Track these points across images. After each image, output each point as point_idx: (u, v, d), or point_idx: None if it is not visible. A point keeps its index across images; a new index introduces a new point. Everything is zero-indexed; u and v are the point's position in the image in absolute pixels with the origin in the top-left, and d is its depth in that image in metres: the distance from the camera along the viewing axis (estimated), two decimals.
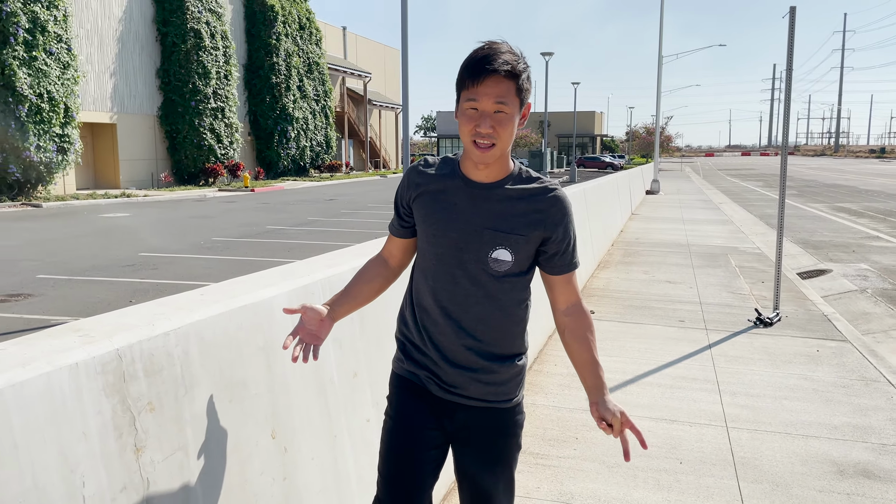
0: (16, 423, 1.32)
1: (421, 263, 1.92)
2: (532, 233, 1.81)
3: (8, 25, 20.73)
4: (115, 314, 1.81)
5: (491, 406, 1.90)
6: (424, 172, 1.91)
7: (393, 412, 1.96)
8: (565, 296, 1.91)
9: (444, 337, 1.86)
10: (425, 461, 1.91)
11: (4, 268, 10.17)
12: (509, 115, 1.72)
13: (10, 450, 1.30)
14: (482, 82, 1.69)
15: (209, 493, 1.79)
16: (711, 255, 11.26)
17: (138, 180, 28.76)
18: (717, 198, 26.52)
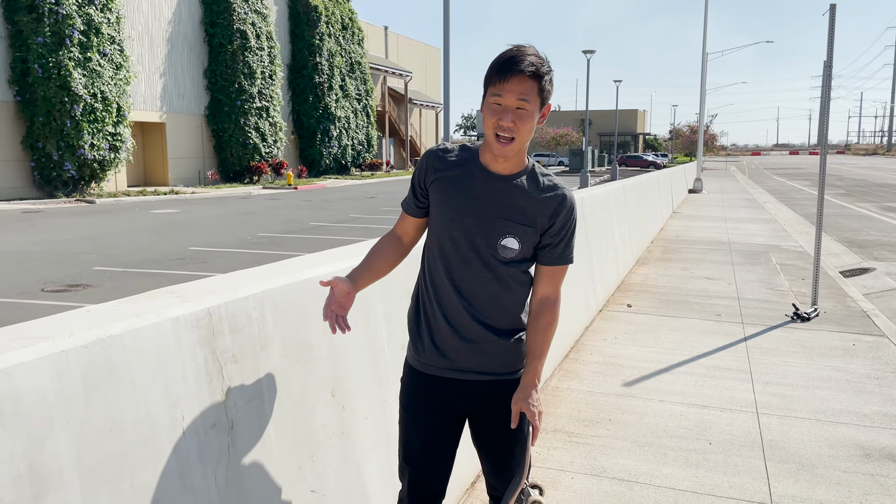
0: (133, 363, 1.59)
1: (434, 244, 2.04)
2: (537, 224, 1.98)
3: (64, 27, 21.58)
4: (201, 282, 2.09)
5: (500, 378, 2.05)
6: (444, 157, 2.04)
7: (408, 408, 2.10)
8: (545, 286, 2.05)
9: (456, 313, 2.00)
10: (443, 452, 2.09)
11: (64, 260, 10.72)
12: (530, 113, 1.88)
13: (128, 384, 1.57)
14: (508, 80, 1.85)
15: (280, 438, 2.05)
16: (752, 252, 11.26)
17: (186, 178, 29.59)
18: (761, 197, 26.18)
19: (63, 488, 1.39)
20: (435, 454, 2.09)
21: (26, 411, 1.33)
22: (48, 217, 17.37)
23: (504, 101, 1.87)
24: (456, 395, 2.07)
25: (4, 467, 1.28)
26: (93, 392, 1.48)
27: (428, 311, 2.06)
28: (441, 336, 2.03)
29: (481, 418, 2.10)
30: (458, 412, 2.11)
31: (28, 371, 1.35)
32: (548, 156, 73.95)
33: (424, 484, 2.09)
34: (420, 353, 2.08)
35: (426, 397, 2.08)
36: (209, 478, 1.77)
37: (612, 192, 8.70)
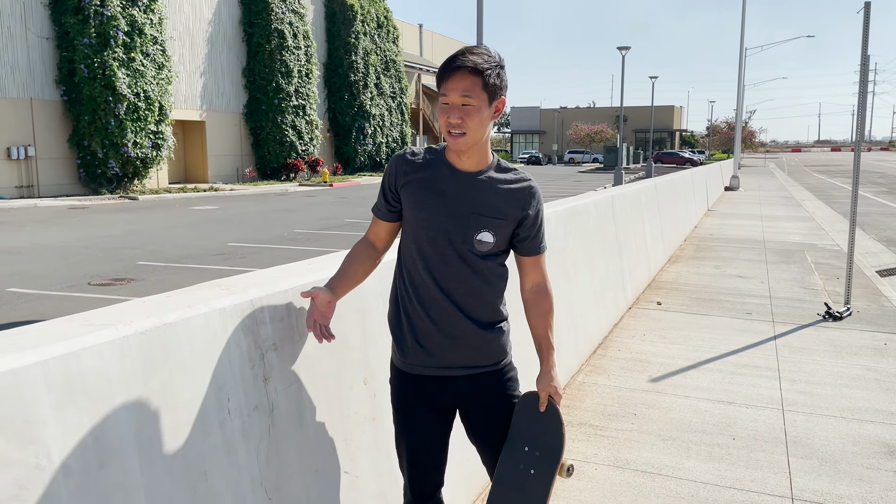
0: (185, 349, 1.75)
1: (410, 245, 2.09)
2: (509, 216, 2.05)
3: (108, 29, 22.20)
4: (246, 276, 2.26)
5: (485, 370, 2.13)
6: (412, 161, 2.10)
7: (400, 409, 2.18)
8: (532, 276, 2.16)
9: (440, 311, 2.06)
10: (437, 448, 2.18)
11: (109, 255, 11.10)
12: (476, 108, 1.93)
13: (180, 368, 1.74)
14: (450, 78, 1.93)
15: (316, 421, 2.20)
16: (787, 251, 11.16)
17: (224, 175, 30.18)
18: (800, 195, 25.77)
19: (124, 459, 1.56)
20: (429, 451, 2.17)
21: (93, 390, 1.50)
22: (93, 213, 17.92)
23: (449, 98, 1.95)
24: (444, 392, 2.14)
25: (74, 438, 1.45)
26: (150, 374, 1.64)
27: (410, 312, 2.10)
28: (425, 335, 2.08)
29: (473, 411, 2.17)
30: (449, 407, 2.18)
31: (94, 354, 1.52)
32: (582, 153, 73.50)
33: (423, 478, 2.18)
34: (405, 355, 2.13)
35: (415, 397, 2.15)
36: (252, 455, 1.93)
37: (643, 191, 8.74)
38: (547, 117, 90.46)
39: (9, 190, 21.49)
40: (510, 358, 2.22)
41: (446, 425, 2.21)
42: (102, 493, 1.50)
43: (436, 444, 2.19)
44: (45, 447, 1.39)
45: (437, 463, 2.21)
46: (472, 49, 1.97)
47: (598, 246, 6.12)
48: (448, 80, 1.94)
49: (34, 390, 1.39)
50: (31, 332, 1.54)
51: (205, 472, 1.77)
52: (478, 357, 2.12)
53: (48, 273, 9.52)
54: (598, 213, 6.23)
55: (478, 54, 1.95)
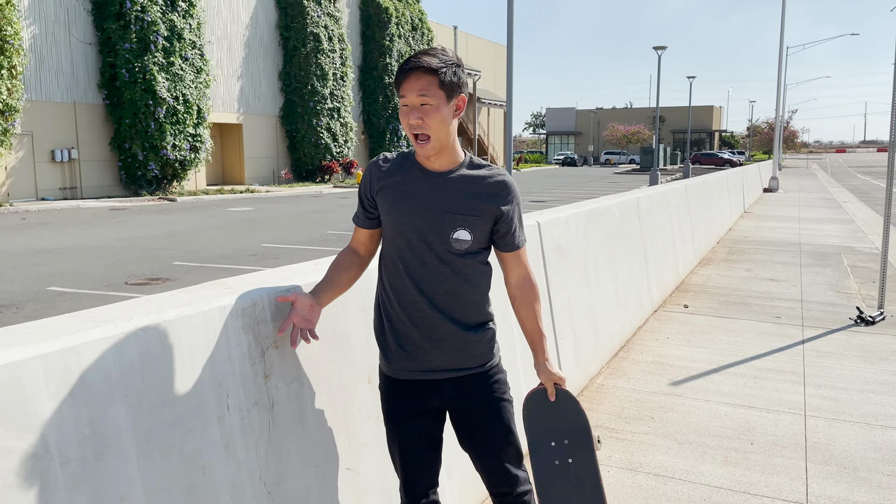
0: (184, 345, 1.82)
1: (389, 251, 2.11)
2: (485, 213, 2.04)
3: (149, 34, 22.74)
4: (250, 275, 2.32)
5: (471, 373, 2.13)
6: (384, 167, 2.11)
7: (388, 415, 2.19)
8: (516, 270, 2.17)
9: (421, 314, 2.06)
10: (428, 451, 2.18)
11: (146, 255, 11.38)
12: (434, 107, 1.94)
13: (179, 363, 1.80)
14: (405, 80, 1.95)
15: (317, 418, 2.25)
16: (823, 254, 10.93)
17: (261, 177, 30.64)
18: (841, 196, 25.17)
19: (121, 450, 1.62)
20: (421, 454, 2.17)
21: (91, 383, 1.57)
22: (133, 214, 18.37)
23: (407, 100, 1.96)
24: (431, 396, 2.14)
25: (72, 430, 1.52)
26: (148, 369, 1.71)
27: (392, 318, 2.11)
28: (408, 339, 2.09)
29: (461, 415, 2.16)
30: (437, 410, 2.18)
31: (93, 349, 1.58)
32: (618, 154, 72.82)
33: (415, 481, 2.18)
34: (390, 360, 2.14)
35: (403, 402, 2.15)
36: (251, 450, 1.99)
37: (672, 192, 8.65)
38: (583, 118, 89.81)
39: (53, 191, 22.14)
40: (497, 360, 2.20)
41: (437, 428, 2.20)
42: (99, 483, 1.56)
43: (427, 447, 2.18)
44: (42, 437, 1.46)
45: (430, 465, 2.20)
46: (427, 51, 1.99)
47: (622, 248, 6.08)
48: (404, 81, 1.96)
49: (33, 383, 1.46)
50: (34, 328, 1.61)
51: (203, 466, 1.83)
52: (462, 359, 2.12)
53: (87, 272, 9.80)
54: (621, 215, 6.19)
55: (432, 55, 1.97)
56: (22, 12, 20.40)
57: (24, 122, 20.65)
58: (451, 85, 1.97)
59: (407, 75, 1.95)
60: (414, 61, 1.95)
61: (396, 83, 1.99)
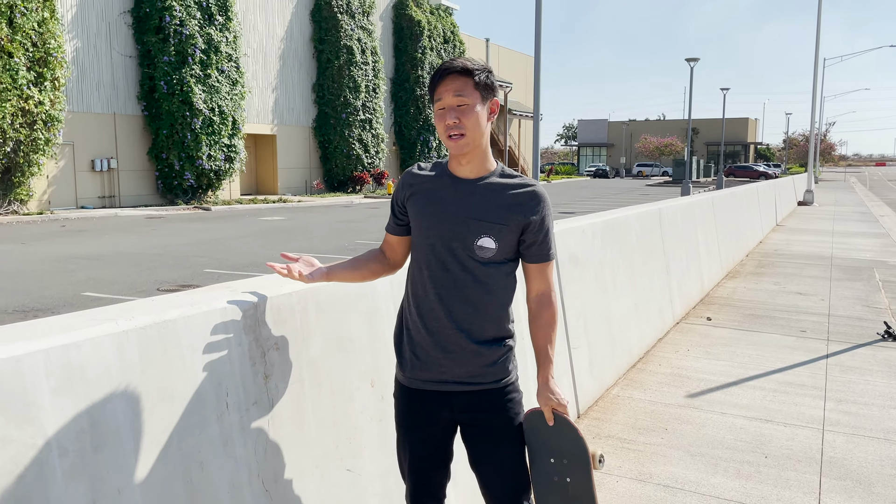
0: (184, 344, 1.89)
1: (415, 256, 2.11)
2: (512, 222, 2.02)
3: (187, 47, 23.28)
4: (255, 279, 2.39)
5: (483, 388, 2.08)
6: (418, 174, 2.13)
7: (400, 423, 2.19)
8: (537, 284, 2.11)
9: (437, 322, 2.04)
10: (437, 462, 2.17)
11: (179, 262, 11.62)
12: (470, 106, 1.97)
13: (179, 361, 1.87)
14: (441, 82, 1.99)
15: (318, 419, 2.31)
16: (855, 268, 10.72)
17: (293, 187, 31.06)
18: (878, 210, 24.63)
19: (119, 444, 1.69)
20: (430, 465, 2.16)
21: (91, 378, 1.65)
22: (168, 222, 18.76)
23: (444, 101, 1.99)
24: (443, 407, 2.11)
25: (71, 422, 1.59)
26: (148, 366, 1.78)
27: (410, 326, 2.11)
28: (423, 348, 2.08)
29: (471, 431, 2.12)
30: (448, 422, 2.15)
31: (94, 346, 1.66)
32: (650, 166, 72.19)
33: (423, 491, 2.19)
34: (404, 368, 2.14)
35: (414, 412, 2.14)
36: (249, 448, 2.05)
37: (697, 204, 8.58)
38: (615, 130, 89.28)
39: (92, 200, 22.72)
40: (513, 378, 2.15)
41: (447, 440, 2.18)
42: (97, 474, 1.64)
43: (436, 458, 2.17)
44: (42, 428, 1.53)
45: (438, 477, 2.19)
46: (458, 59, 2.04)
47: (642, 259, 6.06)
48: (440, 84, 2.00)
49: (34, 376, 1.53)
50: (39, 325, 1.70)
51: (201, 462, 1.90)
52: (475, 373, 2.08)
53: (121, 279, 10.05)
54: (642, 226, 6.17)
55: (465, 61, 2.02)
56: (66, 26, 21.06)
57: (66, 133, 21.26)
58: (486, 86, 2.01)
59: (443, 77, 1.99)
60: (448, 65, 2.00)
61: (432, 87, 2.02)
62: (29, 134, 18.89)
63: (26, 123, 18.80)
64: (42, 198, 21.13)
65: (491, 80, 2.03)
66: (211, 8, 24.19)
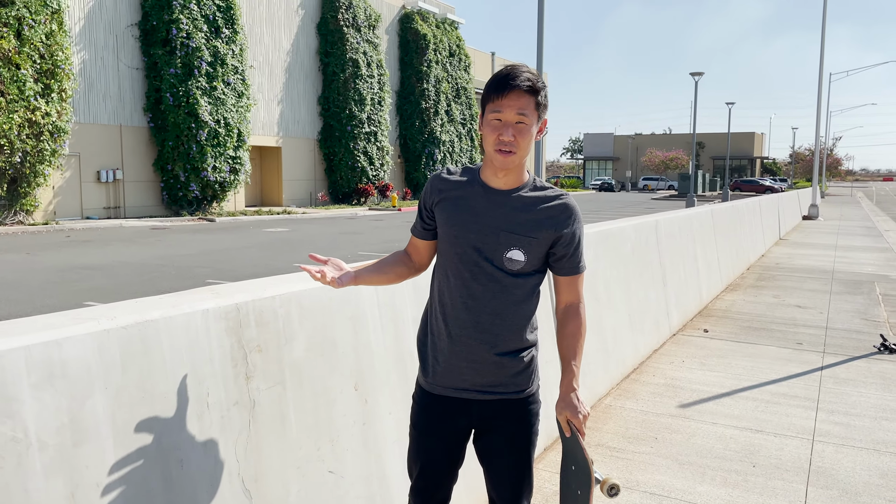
0: (165, 344, 1.94)
1: (442, 263, 2.11)
2: (542, 235, 2.02)
3: (193, 59, 23.51)
4: (240, 283, 2.44)
5: (504, 398, 2.10)
6: (448, 179, 2.11)
7: (416, 426, 2.20)
8: (566, 295, 2.12)
9: (462, 330, 2.05)
10: (448, 467, 2.18)
11: (181, 273, 11.69)
12: (528, 126, 1.95)
13: (160, 361, 1.92)
14: (506, 96, 1.93)
15: (300, 420, 2.35)
16: (856, 282, 10.72)
17: (298, 199, 31.20)
18: (884, 225, 24.59)
19: (99, 440, 1.74)
20: (441, 469, 2.18)
21: (72, 375, 1.69)
22: (173, 233, 18.87)
23: (504, 116, 1.94)
24: (461, 414, 2.13)
25: (51, 417, 1.64)
26: (129, 364, 1.83)
27: (434, 332, 2.12)
28: (445, 355, 2.09)
29: (486, 438, 2.15)
30: (464, 428, 2.16)
31: (75, 343, 1.71)
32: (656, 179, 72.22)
33: (430, 495, 2.21)
34: (427, 373, 2.15)
35: (432, 416, 2.16)
36: (229, 447, 2.09)
37: (696, 217, 8.61)
38: (621, 143, 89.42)
39: (97, 210, 22.87)
40: (535, 388, 2.16)
41: (461, 446, 2.20)
42: (76, 468, 1.68)
43: (448, 463, 2.19)
44: (22, 422, 1.58)
45: (447, 481, 2.22)
46: (521, 67, 1.99)
47: (637, 270, 6.09)
48: (504, 97, 1.94)
49: (15, 372, 1.58)
50: (21, 323, 1.75)
51: (180, 460, 1.94)
52: (496, 382, 2.09)
53: (122, 289, 10.12)
54: (637, 238, 6.21)
55: (531, 73, 1.97)
56: (73, 38, 21.31)
57: (72, 144, 21.46)
58: (542, 107, 2.00)
59: (508, 92, 1.94)
60: (518, 79, 1.94)
61: (492, 95, 1.96)
62: (35, 145, 19.07)
63: (33, 134, 18.99)
64: (48, 208, 21.29)
65: (547, 101, 2.02)
66: (217, 21, 24.44)
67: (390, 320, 2.85)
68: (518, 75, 1.95)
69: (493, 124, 1.97)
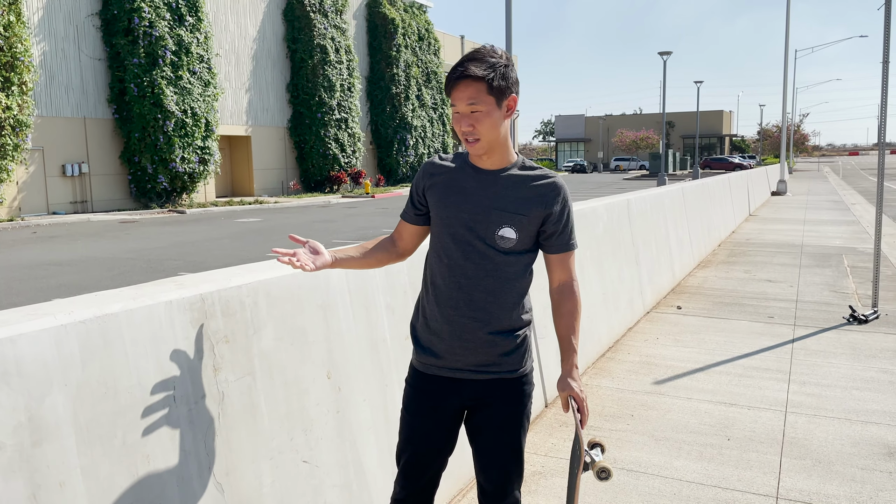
0: (127, 338, 1.88)
1: (435, 245, 2.12)
2: (532, 213, 2.03)
3: (157, 48, 23.04)
4: (205, 273, 2.38)
5: (496, 377, 2.10)
6: (439, 164, 2.14)
7: (408, 408, 2.19)
8: (559, 274, 2.12)
9: (455, 311, 2.06)
10: (439, 449, 2.16)
11: (152, 266, 11.51)
12: (485, 112, 1.95)
13: (122, 356, 1.86)
14: (456, 87, 1.96)
15: (272, 411, 2.31)
16: (824, 255, 10.89)
17: (270, 188, 30.88)
18: (850, 199, 25.03)
19: (59, 439, 1.68)
20: (430, 452, 2.16)
21: (28, 373, 1.63)
22: (142, 227, 18.57)
23: (458, 108, 1.98)
24: (452, 394, 2.12)
25: (7, 417, 1.58)
26: (88, 360, 1.77)
27: (427, 313, 2.12)
28: (439, 336, 2.09)
29: (477, 418, 2.14)
30: (457, 409, 2.15)
31: (30, 340, 1.65)
32: (628, 160, 72.69)
33: (418, 477, 2.18)
34: (420, 354, 2.15)
35: (424, 397, 2.15)
36: (199, 441, 2.04)
37: (667, 195, 8.66)
38: (592, 125, 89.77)
39: (64, 206, 22.43)
40: (528, 369, 2.15)
41: (453, 428, 2.18)
42: (36, 469, 1.62)
43: (439, 446, 2.17)
44: None
45: (437, 465, 2.19)
46: (474, 55, 1.97)
47: (610, 250, 6.10)
48: (454, 90, 1.97)
49: None
50: None
51: (147, 456, 1.89)
52: (488, 362, 2.09)
53: (93, 284, 9.93)
54: (609, 217, 6.22)
55: (479, 59, 1.96)
56: (32, 29, 20.75)
57: (35, 138, 20.97)
58: (501, 89, 1.97)
59: (456, 84, 1.96)
60: (461, 70, 1.95)
61: (446, 91, 2.00)
62: None
63: None
64: (12, 204, 20.83)
65: (507, 78, 1.98)
66: (181, 9, 23.97)
67: (362, 307, 2.81)
68: (464, 65, 1.95)
69: (454, 117, 2.01)
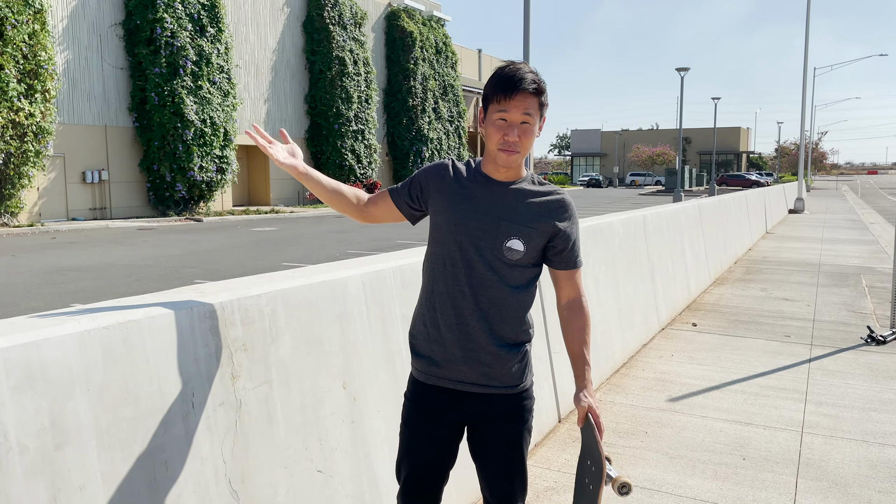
0: (149, 344, 1.90)
1: (439, 252, 2.09)
2: (541, 226, 2.04)
3: (178, 58, 23.33)
4: (225, 281, 2.41)
5: (497, 392, 2.09)
6: (451, 168, 2.13)
7: (407, 423, 2.17)
8: (567, 290, 2.13)
9: (458, 320, 2.05)
10: (438, 462, 2.16)
11: (169, 273, 11.61)
12: (532, 126, 1.99)
13: (143, 362, 1.89)
14: (513, 97, 1.95)
15: (287, 420, 2.32)
16: (842, 274, 10.79)
17: (286, 198, 31.07)
18: (869, 217, 24.79)
19: (81, 442, 1.70)
20: (429, 466, 2.15)
21: (52, 377, 1.66)
22: (160, 234, 18.74)
23: (510, 116, 1.97)
24: (452, 407, 2.11)
25: (31, 420, 1.61)
26: (111, 365, 1.80)
27: (427, 322, 2.11)
28: (439, 344, 2.08)
29: (478, 432, 2.13)
30: (457, 423, 2.14)
31: (54, 345, 1.68)
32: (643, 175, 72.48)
33: (419, 494, 2.17)
34: (419, 362, 2.14)
35: (425, 410, 2.14)
36: (216, 447, 2.06)
37: (683, 211, 8.63)
38: (608, 140, 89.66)
39: (83, 212, 22.68)
40: (528, 384, 2.15)
41: (452, 444, 2.17)
42: (58, 472, 1.65)
43: (439, 461, 2.16)
44: (1, 426, 1.55)
45: (438, 481, 2.18)
46: (525, 67, 2.00)
47: (625, 265, 6.09)
48: (511, 99, 1.97)
49: None
50: (0, 324, 1.71)
51: (165, 462, 1.91)
52: (490, 376, 2.08)
53: (110, 290, 10.03)
54: (625, 233, 6.21)
55: (534, 74, 2.00)
56: (56, 38, 21.09)
57: (57, 145, 21.25)
58: (545, 107, 2.05)
59: (515, 93, 1.96)
60: (524, 81, 1.96)
61: (498, 95, 1.98)
62: (19, 146, 18.87)
63: (17, 135, 18.79)
64: (33, 210, 21.09)
65: (548, 98, 2.06)
66: (202, 19, 24.28)
67: (378, 318, 2.83)
68: (524, 77, 1.98)
69: (497, 124, 2.00)
